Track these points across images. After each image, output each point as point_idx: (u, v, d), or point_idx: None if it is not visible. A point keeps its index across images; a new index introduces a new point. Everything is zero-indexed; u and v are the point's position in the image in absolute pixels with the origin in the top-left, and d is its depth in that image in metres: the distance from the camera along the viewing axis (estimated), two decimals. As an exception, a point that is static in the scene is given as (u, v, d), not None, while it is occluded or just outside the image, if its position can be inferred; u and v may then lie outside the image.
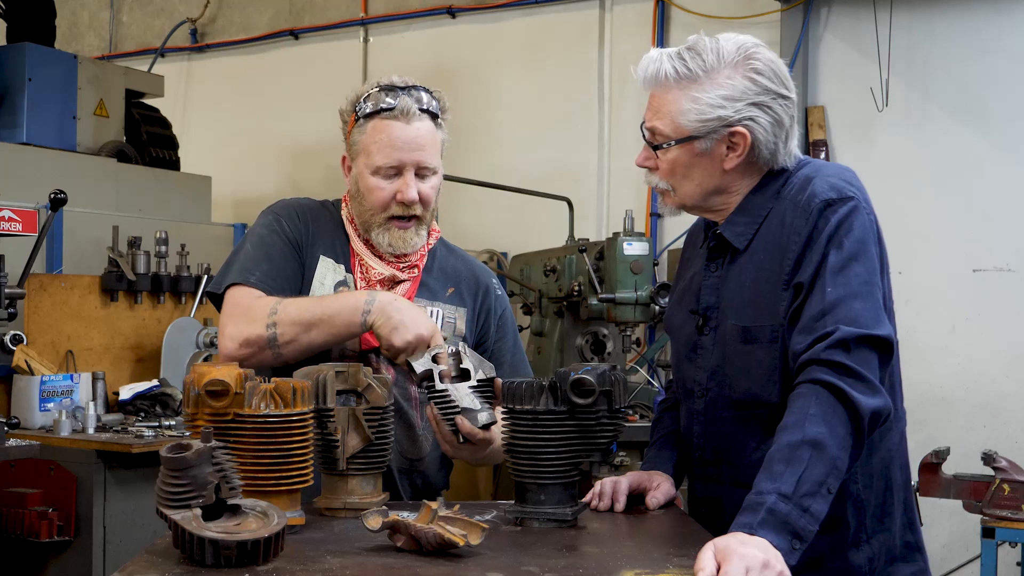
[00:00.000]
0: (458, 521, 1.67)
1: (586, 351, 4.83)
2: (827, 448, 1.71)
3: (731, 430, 2.00)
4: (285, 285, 2.29)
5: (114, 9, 7.87)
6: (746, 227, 2.00)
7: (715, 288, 2.04)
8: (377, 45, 6.87)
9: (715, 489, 2.06)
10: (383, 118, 2.30)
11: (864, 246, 1.88)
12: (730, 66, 1.93)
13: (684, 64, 1.94)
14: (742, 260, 1.99)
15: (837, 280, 1.84)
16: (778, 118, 1.95)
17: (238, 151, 7.16)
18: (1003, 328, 5.12)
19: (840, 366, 1.77)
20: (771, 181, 2.00)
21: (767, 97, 1.93)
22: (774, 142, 1.96)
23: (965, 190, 5.21)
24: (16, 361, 4.17)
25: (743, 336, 1.95)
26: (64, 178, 4.73)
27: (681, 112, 1.94)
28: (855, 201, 1.90)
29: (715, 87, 1.93)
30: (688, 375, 2.08)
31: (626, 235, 4.36)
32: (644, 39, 5.96)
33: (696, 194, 2.02)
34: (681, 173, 2.00)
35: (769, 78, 1.94)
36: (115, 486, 3.92)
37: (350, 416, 1.98)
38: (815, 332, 1.81)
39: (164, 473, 1.58)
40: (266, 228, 2.37)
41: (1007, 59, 5.14)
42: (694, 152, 1.97)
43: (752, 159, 1.97)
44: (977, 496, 3.79)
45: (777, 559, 1.58)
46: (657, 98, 1.99)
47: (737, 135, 1.94)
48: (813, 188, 1.92)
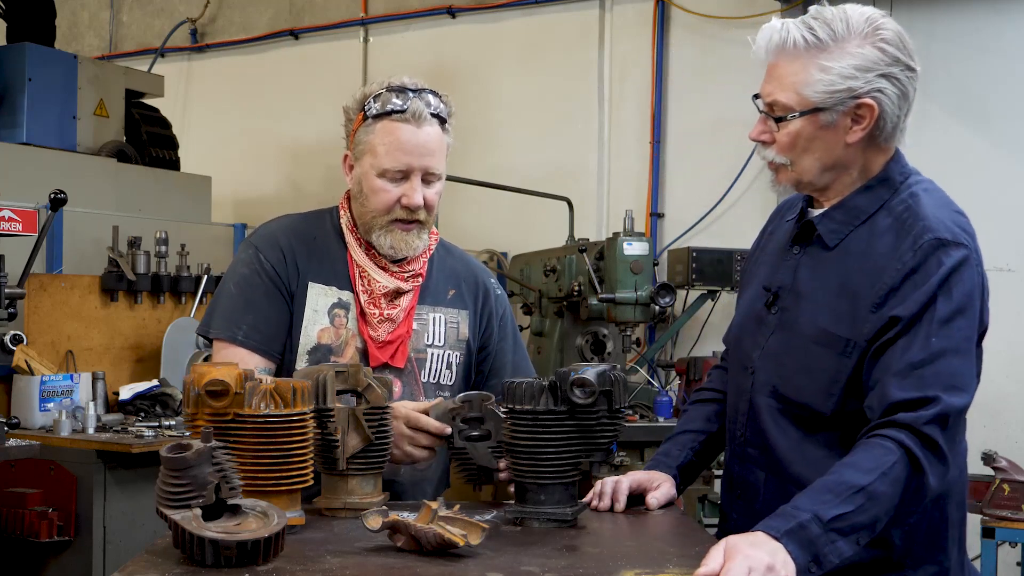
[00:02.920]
0: (458, 521, 1.67)
1: (586, 351, 4.83)
2: (880, 505, 1.71)
3: (774, 420, 1.97)
4: (272, 332, 2.28)
5: (114, 9, 7.87)
6: (841, 226, 1.95)
7: (792, 271, 1.99)
8: (377, 45, 6.87)
9: (752, 473, 2.02)
10: (393, 120, 2.25)
11: (972, 301, 1.85)
12: (860, 35, 1.87)
13: (813, 33, 1.88)
14: (829, 257, 1.95)
15: (942, 331, 1.80)
16: (904, 90, 1.89)
17: (238, 151, 7.15)
18: (1003, 328, 5.08)
19: (934, 446, 1.75)
20: (879, 186, 1.95)
21: (896, 68, 1.88)
22: (898, 115, 1.90)
23: (965, 190, 5.14)
24: (16, 361, 4.17)
25: (818, 337, 1.91)
26: (64, 178, 4.72)
27: (808, 83, 1.88)
28: (967, 251, 1.86)
29: (846, 56, 1.86)
30: (746, 349, 2.05)
31: (626, 235, 4.36)
32: (644, 39, 5.97)
33: (814, 169, 1.94)
34: (802, 147, 1.93)
35: (898, 48, 1.89)
36: (115, 486, 3.92)
37: (350, 416, 1.98)
38: (914, 386, 1.78)
39: (164, 473, 1.58)
40: (248, 268, 2.33)
41: (1007, 59, 5.14)
42: (818, 124, 1.90)
43: (875, 132, 1.91)
44: (977, 496, 3.79)
45: (784, 566, 1.58)
46: (780, 67, 1.92)
47: (864, 107, 1.88)
48: (928, 221, 1.87)
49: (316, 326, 2.30)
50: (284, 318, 2.31)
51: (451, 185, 5.55)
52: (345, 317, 2.32)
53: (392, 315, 2.31)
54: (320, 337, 2.30)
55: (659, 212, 5.88)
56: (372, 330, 2.30)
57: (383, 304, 2.31)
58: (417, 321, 2.36)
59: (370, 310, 2.31)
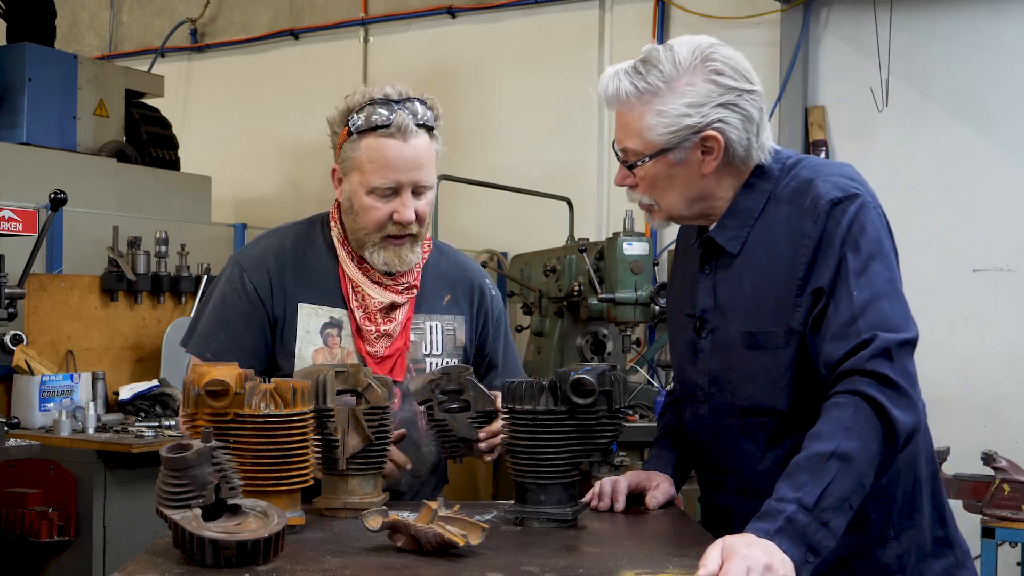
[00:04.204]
0: (458, 521, 1.67)
1: (586, 351, 4.83)
2: (856, 464, 1.69)
3: (736, 439, 1.97)
4: (241, 355, 2.16)
5: (114, 9, 7.87)
6: (738, 231, 1.96)
7: (710, 291, 2.01)
8: (377, 45, 6.87)
9: (723, 497, 2.04)
10: (378, 136, 2.19)
11: (880, 244, 1.85)
12: (689, 72, 1.88)
13: (642, 79, 1.89)
14: (739, 264, 1.96)
15: (860, 283, 1.81)
16: (747, 114, 1.90)
17: (238, 151, 7.16)
18: (1003, 328, 5.12)
19: (884, 378, 1.74)
20: (759, 181, 1.96)
21: (732, 95, 1.89)
22: (747, 139, 1.91)
23: (965, 190, 5.21)
24: (16, 361, 4.17)
25: (747, 342, 1.92)
26: (64, 178, 4.73)
27: (649, 127, 1.90)
28: (861, 198, 1.87)
29: (678, 96, 1.88)
30: (690, 379, 2.06)
31: (626, 235, 4.36)
32: (644, 39, 5.96)
33: (680, 204, 1.97)
34: (661, 186, 1.95)
35: (731, 76, 1.89)
36: (115, 486, 3.92)
37: (350, 416, 1.98)
38: (850, 339, 1.78)
39: (164, 473, 1.58)
40: (230, 286, 2.29)
41: (1007, 59, 5.14)
42: (669, 163, 1.92)
43: (728, 159, 1.93)
44: (977, 496, 3.79)
45: (783, 564, 1.58)
46: (623, 116, 1.94)
47: (710, 139, 1.89)
48: (816, 189, 1.89)
49: (310, 347, 2.27)
50: (259, 341, 2.27)
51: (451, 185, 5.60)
52: (339, 336, 2.29)
53: (389, 330, 2.29)
54: (315, 358, 2.27)
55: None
56: (369, 346, 2.28)
57: (379, 319, 2.28)
58: (414, 332, 2.34)
59: (366, 326, 2.27)
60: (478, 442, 2.12)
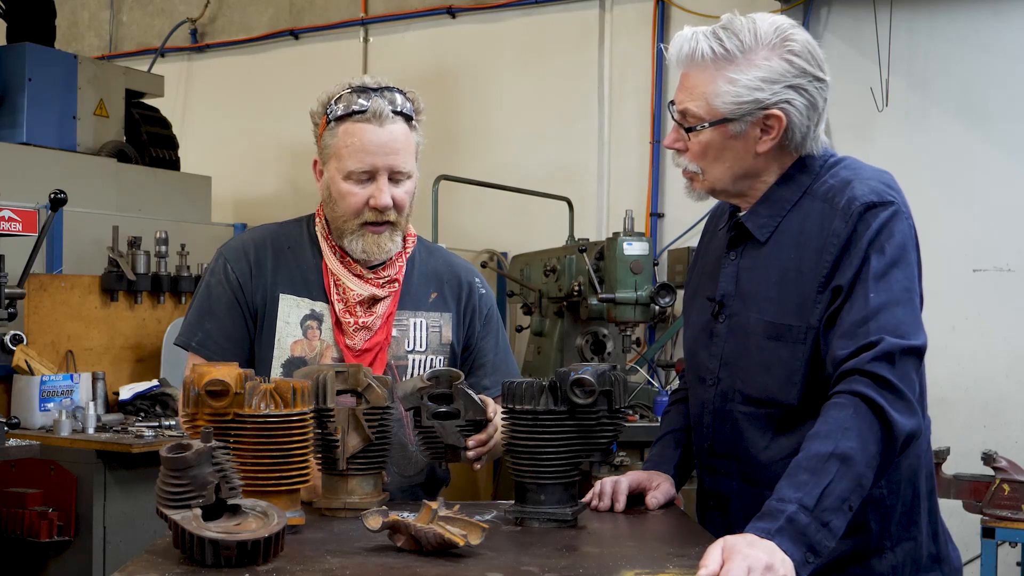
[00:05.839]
0: (458, 521, 1.67)
1: (586, 351, 4.84)
2: (855, 464, 1.70)
3: (742, 426, 1.97)
4: (226, 345, 2.28)
5: (114, 9, 7.87)
6: (769, 219, 1.96)
7: (733, 276, 2.00)
8: (377, 45, 6.87)
9: (723, 483, 2.04)
10: (355, 121, 2.21)
11: (904, 252, 1.86)
12: (767, 47, 1.89)
13: (721, 44, 1.90)
14: (765, 252, 1.96)
15: (879, 286, 1.81)
16: (813, 101, 1.91)
17: (238, 151, 7.15)
18: (1003, 328, 5.12)
19: (883, 381, 1.75)
20: (799, 173, 1.96)
21: (804, 80, 1.90)
22: (807, 125, 1.92)
23: (965, 190, 5.20)
24: (16, 361, 4.17)
25: (768, 331, 1.92)
26: (64, 178, 4.73)
27: (717, 94, 1.90)
28: (896, 206, 1.88)
29: (752, 68, 1.88)
30: (702, 362, 2.05)
31: (626, 235, 4.37)
32: (644, 39, 5.96)
33: (726, 178, 1.97)
34: (713, 156, 1.95)
35: (806, 60, 1.90)
36: (115, 486, 3.92)
37: (350, 416, 1.98)
38: (858, 339, 1.79)
39: (164, 473, 1.58)
40: (214, 277, 2.34)
41: (1007, 59, 5.14)
42: (727, 135, 1.92)
43: (784, 142, 1.93)
44: (977, 496, 3.79)
45: (783, 564, 1.58)
46: (691, 78, 1.94)
47: (772, 118, 1.90)
48: (853, 191, 1.89)
49: (289, 338, 2.29)
50: (242, 331, 2.30)
51: (451, 185, 5.60)
52: (318, 328, 2.29)
53: (368, 323, 2.29)
54: (294, 349, 2.28)
55: (659, 212, 5.88)
56: (348, 339, 2.28)
57: (359, 312, 2.29)
58: (397, 328, 2.33)
59: (345, 319, 2.28)
60: (466, 450, 2.09)
